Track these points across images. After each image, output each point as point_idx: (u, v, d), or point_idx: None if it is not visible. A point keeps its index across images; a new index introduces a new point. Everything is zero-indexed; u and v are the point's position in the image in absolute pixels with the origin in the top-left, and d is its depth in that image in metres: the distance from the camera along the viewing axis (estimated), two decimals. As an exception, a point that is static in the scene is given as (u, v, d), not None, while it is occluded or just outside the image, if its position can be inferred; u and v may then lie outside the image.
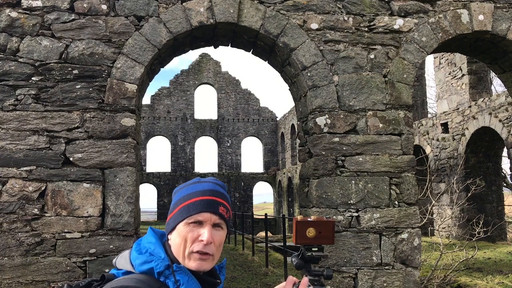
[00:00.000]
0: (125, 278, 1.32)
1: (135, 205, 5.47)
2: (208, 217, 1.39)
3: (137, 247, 1.39)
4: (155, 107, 39.03)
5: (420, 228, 5.88)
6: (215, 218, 1.40)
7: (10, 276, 5.10)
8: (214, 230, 1.40)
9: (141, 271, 1.33)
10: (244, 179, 39.03)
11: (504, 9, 6.22)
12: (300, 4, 5.94)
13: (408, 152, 5.87)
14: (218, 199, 1.43)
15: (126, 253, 1.41)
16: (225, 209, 1.44)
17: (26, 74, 5.38)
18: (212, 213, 1.40)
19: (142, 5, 5.66)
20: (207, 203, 1.40)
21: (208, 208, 1.39)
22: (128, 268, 1.36)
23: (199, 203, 1.40)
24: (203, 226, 1.38)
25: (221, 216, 1.42)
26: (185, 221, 1.38)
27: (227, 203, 1.46)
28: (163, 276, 1.32)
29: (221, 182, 1.52)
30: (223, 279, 1.49)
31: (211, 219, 1.39)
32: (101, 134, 5.41)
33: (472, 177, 14.48)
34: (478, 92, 16.94)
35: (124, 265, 1.38)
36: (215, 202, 1.42)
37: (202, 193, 1.42)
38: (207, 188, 1.44)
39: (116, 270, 1.39)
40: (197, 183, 1.47)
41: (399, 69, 5.99)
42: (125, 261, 1.39)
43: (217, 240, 1.39)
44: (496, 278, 9.07)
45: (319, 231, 1.47)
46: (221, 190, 1.47)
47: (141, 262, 1.34)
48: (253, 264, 11.66)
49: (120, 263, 1.40)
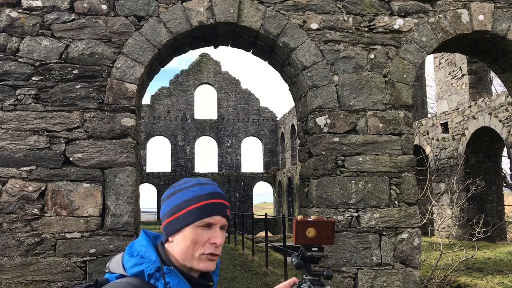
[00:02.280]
0: (115, 282, 1.32)
1: (135, 205, 5.47)
2: (219, 220, 1.40)
3: (129, 250, 1.39)
4: (155, 107, 39.03)
5: (420, 228, 5.88)
6: (224, 221, 1.42)
7: (10, 276, 5.10)
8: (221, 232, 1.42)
9: (132, 274, 1.33)
10: (244, 179, 39.03)
11: (504, 9, 6.22)
12: (300, 4, 5.93)
13: (408, 152, 5.88)
14: (225, 202, 1.44)
15: (119, 257, 1.41)
16: (229, 211, 1.47)
17: (26, 74, 5.38)
18: (222, 216, 1.41)
19: (142, 5, 5.66)
20: (218, 206, 1.41)
21: (219, 212, 1.40)
22: (120, 272, 1.36)
23: (210, 206, 1.39)
24: (212, 229, 1.39)
25: (228, 219, 1.44)
26: (195, 224, 1.37)
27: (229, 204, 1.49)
28: (154, 278, 1.32)
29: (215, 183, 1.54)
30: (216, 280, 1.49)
31: (220, 222, 1.40)
32: (101, 134, 5.41)
33: (472, 177, 14.48)
34: (478, 92, 16.94)
35: (116, 269, 1.38)
36: (224, 205, 1.43)
37: (210, 196, 1.41)
38: (214, 191, 1.44)
39: (110, 274, 1.39)
40: (199, 185, 1.44)
41: (399, 69, 5.99)
42: (117, 265, 1.38)
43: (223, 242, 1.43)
44: (496, 278, 9.07)
45: (319, 231, 1.47)
46: (223, 192, 1.49)
47: (132, 264, 1.34)
48: (253, 264, 11.66)
49: (113, 267, 1.40)
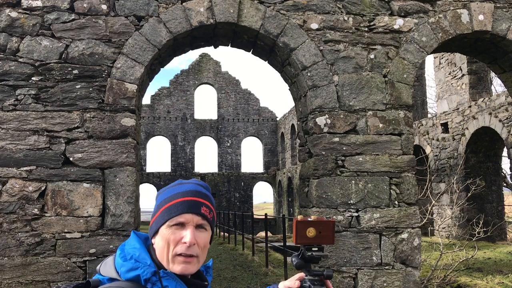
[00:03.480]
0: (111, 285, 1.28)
1: (135, 205, 5.47)
2: (190, 218, 1.35)
3: (122, 253, 1.33)
4: (155, 107, 39.04)
5: (420, 228, 5.88)
6: (198, 219, 1.36)
7: (10, 276, 5.10)
8: (197, 231, 1.36)
9: (127, 279, 1.29)
10: (244, 179, 39.04)
11: (504, 9, 6.21)
12: (300, 4, 5.93)
13: (408, 152, 5.87)
14: (200, 199, 1.39)
15: (110, 260, 1.36)
16: (207, 209, 1.40)
17: (26, 74, 5.38)
18: (194, 214, 1.36)
19: (142, 5, 5.66)
20: (189, 204, 1.36)
21: (190, 209, 1.36)
22: (113, 275, 1.31)
23: (180, 205, 1.36)
24: (185, 228, 1.35)
25: (204, 217, 1.38)
26: (167, 224, 1.35)
27: (210, 203, 1.42)
28: (150, 283, 1.28)
29: (204, 183, 1.47)
30: (210, 280, 1.46)
31: (193, 220, 1.36)
32: (101, 134, 5.41)
33: (472, 177, 14.50)
34: (478, 92, 16.94)
35: (109, 272, 1.33)
36: (197, 202, 1.38)
37: (183, 195, 1.38)
38: (189, 189, 1.40)
39: (102, 276, 1.35)
40: (178, 184, 1.43)
41: (399, 69, 5.99)
42: (110, 269, 1.34)
43: (201, 242, 1.36)
44: (496, 278, 9.07)
45: (319, 231, 1.47)
46: (204, 190, 1.43)
47: (127, 269, 1.29)
48: (253, 264, 11.66)
49: (104, 270, 1.35)
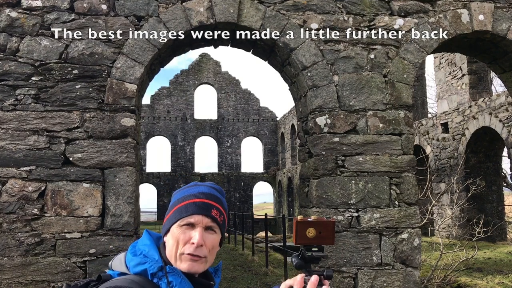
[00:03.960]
0: (119, 278, 1.33)
1: (135, 205, 5.47)
2: (200, 219, 1.39)
3: (132, 250, 1.40)
4: (155, 107, 39.03)
5: (420, 228, 5.88)
6: (207, 221, 1.39)
7: (10, 276, 5.09)
8: (206, 233, 1.39)
9: (135, 273, 1.34)
10: (244, 179, 39.03)
11: (504, 9, 6.21)
12: (300, 4, 5.93)
13: (408, 152, 5.87)
14: (211, 202, 1.42)
15: (122, 256, 1.42)
16: (218, 212, 1.43)
17: (26, 74, 5.38)
18: (204, 216, 1.39)
19: (142, 5, 5.66)
20: (200, 205, 1.40)
21: (200, 211, 1.39)
22: (123, 270, 1.37)
23: (191, 205, 1.40)
24: (195, 229, 1.38)
25: (214, 219, 1.41)
26: (177, 223, 1.39)
27: (221, 207, 1.45)
28: (156, 278, 1.32)
29: (219, 187, 1.51)
30: (218, 282, 1.49)
31: (203, 221, 1.39)
32: (101, 134, 5.41)
33: (472, 177, 14.49)
34: (478, 92, 16.95)
35: (119, 267, 1.39)
36: (208, 204, 1.41)
37: (196, 196, 1.42)
38: (201, 191, 1.44)
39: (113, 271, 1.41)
40: (193, 186, 1.47)
41: (399, 69, 5.99)
42: (120, 263, 1.40)
43: (209, 243, 1.39)
44: (496, 278, 9.06)
45: (319, 231, 1.47)
46: (217, 194, 1.47)
47: (135, 263, 1.35)
48: (253, 264, 11.66)
49: (115, 265, 1.41)
